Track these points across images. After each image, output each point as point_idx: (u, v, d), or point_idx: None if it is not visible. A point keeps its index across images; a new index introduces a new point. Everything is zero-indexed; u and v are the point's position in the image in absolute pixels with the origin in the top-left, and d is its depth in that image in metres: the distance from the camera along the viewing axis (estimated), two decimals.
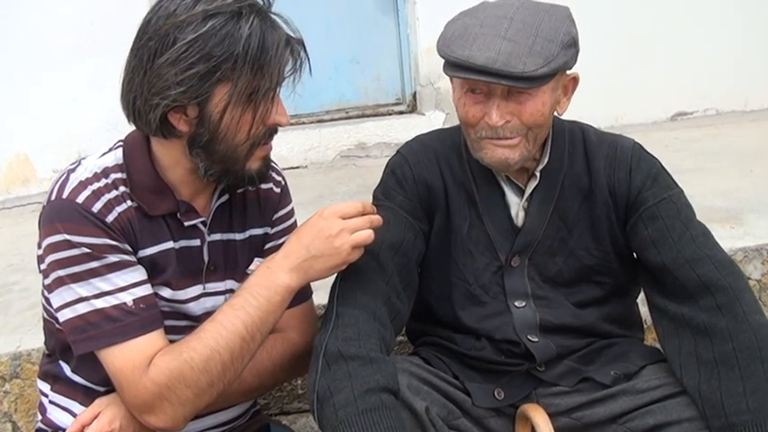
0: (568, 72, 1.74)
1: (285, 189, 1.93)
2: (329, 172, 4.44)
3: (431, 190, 1.87)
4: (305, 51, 1.62)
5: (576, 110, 2.31)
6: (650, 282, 1.81)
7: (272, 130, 1.66)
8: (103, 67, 4.00)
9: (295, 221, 1.93)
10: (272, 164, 1.84)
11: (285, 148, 4.43)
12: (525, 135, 1.71)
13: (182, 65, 1.48)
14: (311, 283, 1.83)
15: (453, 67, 1.67)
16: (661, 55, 4.80)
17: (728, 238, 2.83)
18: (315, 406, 1.55)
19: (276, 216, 1.88)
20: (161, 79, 1.50)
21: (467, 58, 1.62)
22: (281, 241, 1.79)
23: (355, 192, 3.86)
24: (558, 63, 1.63)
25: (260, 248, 1.85)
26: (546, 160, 1.83)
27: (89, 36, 4.17)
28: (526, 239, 1.84)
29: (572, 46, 1.67)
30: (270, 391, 2.43)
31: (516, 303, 1.85)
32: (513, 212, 1.86)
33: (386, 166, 1.94)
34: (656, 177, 1.81)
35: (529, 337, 1.83)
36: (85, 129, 4.12)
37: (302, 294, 1.80)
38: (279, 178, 1.91)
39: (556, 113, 1.79)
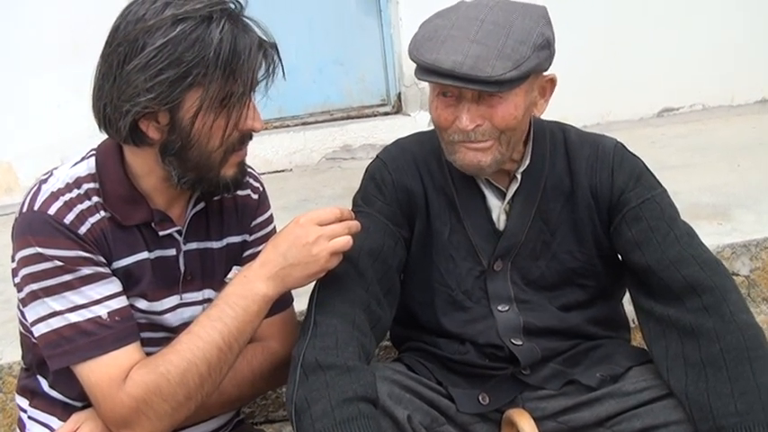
0: (545, 73, 1.72)
1: (263, 195, 1.90)
2: (314, 175, 4.41)
3: (410, 195, 1.85)
4: (278, 55, 1.59)
5: (563, 108, 2.29)
6: (635, 283, 1.80)
7: (246, 136, 1.62)
8: (86, 73, 3.94)
9: (274, 228, 1.90)
10: (250, 170, 1.82)
11: (270, 152, 4.41)
12: (498, 138, 1.68)
13: (151, 71, 1.45)
14: (293, 292, 1.81)
15: (422, 70, 1.65)
16: (647, 51, 4.79)
17: (716, 235, 2.82)
18: (293, 417, 1.54)
19: (254, 223, 1.86)
20: (130, 86, 1.47)
21: (434, 62, 1.60)
22: (259, 248, 1.75)
23: (341, 194, 3.84)
24: (530, 66, 1.60)
25: (238, 256, 1.83)
26: (527, 162, 1.81)
27: (71, 43, 4.13)
28: (508, 243, 1.82)
29: (545, 47, 1.63)
30: (250, 402, 2.40)
31: (499, 308, 1.83)
32: (494, 216, 1.84)
33: (365, 172, 1.92)
34: (639, 178, 1.80)
35: (513, 340, 1.81)
36: (69, 136, 4.06)
37: (282, 302, 1.78)
38: (257, 184, 1.88)
39: (533, 115, 1.76)
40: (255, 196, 1.86)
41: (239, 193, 1.81)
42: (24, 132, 4.24)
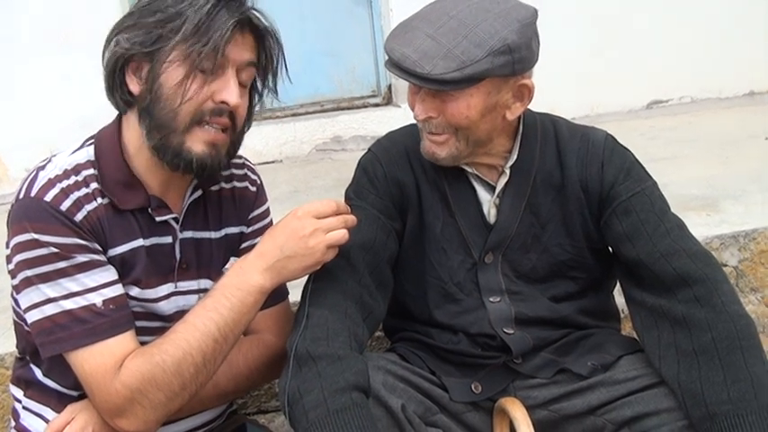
0: (524, 79, 1.70)
1: (261, 188, 1.91)
2: (305, 166, 4.41)
3: (403, 188, 1.85)
4: (280, 47, 1.66)
5: (552, 99, 2.30)
6: (626, 275, 1.81)
7: (219, 110, 1.60)
8: (76, 63, 3.95)
9: (271, 221, 1.91)
10: (248, 162, 1.86)
11: (260, 143, 4.40)
12: (455, 134, 1.70)
13: (144, 11, 1.56)
14: (287, 284, 1.81)
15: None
16: (635, 43, 4.80)
17: (705, 226, 2.84)
18: (286, 408, 1.54)
19: (252, 215, 1.87)
20: (124, 23, 1.57)
21: (388, 51, 1.65)
22: (256, 241, 1.76)
23: (331, 186, 3.84)
24: (477, 69, 1.59)
25: (236, 248, 1.83)
26: (515, 157, 1.82)
27: (61, 32, 4.11)
28: (499, 236, 1.83)
29: (504, 53, 1.61)
30: (246, 394, 2.42)
31: (491, 299, 1.84)
32: (485, 209, 1.85)
33: (357, 165, 1.93)
34: (629, 171, 1.80)
35: (504, 329, 1.82)
36: (58, 126, 4.05)
37: (278, 295, 1.79)
38: (254, 177, 1.90)
39: (506, 118, 1.74)
40: (253, 189, 1.88)
41: (237, 184, 1.83)
42: (14, 123, 4.21)
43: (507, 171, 1.82)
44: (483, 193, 1.85)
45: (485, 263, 1.85)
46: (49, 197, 1.54)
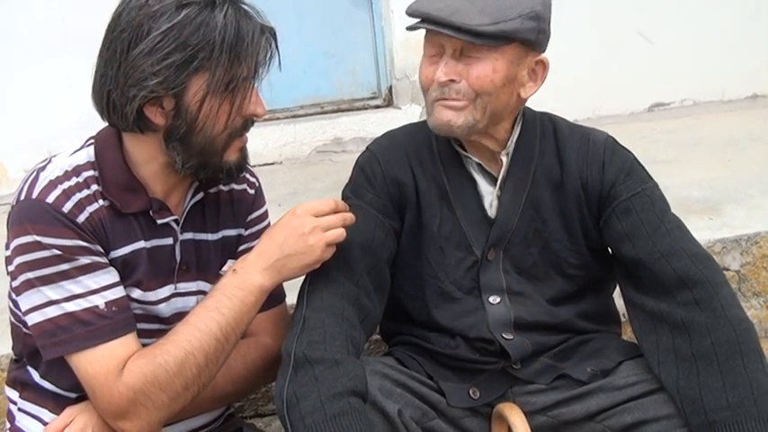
0: (540, 55, 1.72)
1: (259, 190, 1.90)
2: (304, 168, 4.40)
3: (401, 187, 1.84)
4: (276, 42, 1.60)
5: (554, 101, 2.29)
6: (625, 276, 1.80)
7: (248, 122, 1.63)
8: (75, 64, 3.93)
9: (269, 223, 1.90)
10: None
11: (259, 144, 4.38)
12: (473, 101, 1.69)
13: (158, 55, 1.47)
14: (284, 286, 1.81)
15: (410, 18, 1.68)
16: (638, 46, 4.80)
17: (707, 230, 2.83)
18: (283, 413, 1.53)
19: (250, 218, 1.86)
20: (137, 70, 1.48)
21: (417, 8, 1.65)
22: (254, 243, 1.75)
23: (331, 188, 3.83)
24: (509, 27, 1.61)
25: (233, 250, 1.82)
26: (514, 140, 1.81)
27: (60, 33, 4.11)
28: (500, 230, 1.82)
29: (533, 19, 1.64)
30: (245, 397, 2.42)
31: (491, 299, 1.82)
32: (486, 203, 1.83)
33: (355, 164, 1.92)
34: (630, 171, 1.80)
35: (503, 334, 1.80)
36: (57, 128, 4.06)
37: (275, 297, 1.78)
38: (253, 179, 1.89)
39: (520, 96, 1.75)
40: (252, 191, 1.87)
41: (236, 187, 1.82)
42: (12, 125, 4.20)
43: (504, 158, 1.80)
44: (484, 186, 1.84)
45: (487, 260, 1.83)
46: (50, 199, 1.53)
